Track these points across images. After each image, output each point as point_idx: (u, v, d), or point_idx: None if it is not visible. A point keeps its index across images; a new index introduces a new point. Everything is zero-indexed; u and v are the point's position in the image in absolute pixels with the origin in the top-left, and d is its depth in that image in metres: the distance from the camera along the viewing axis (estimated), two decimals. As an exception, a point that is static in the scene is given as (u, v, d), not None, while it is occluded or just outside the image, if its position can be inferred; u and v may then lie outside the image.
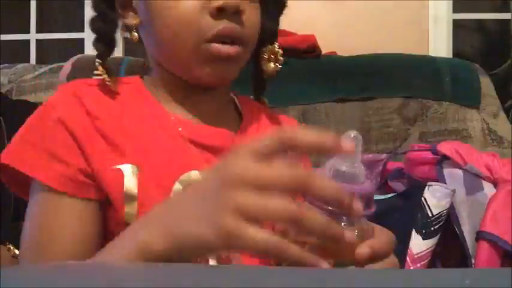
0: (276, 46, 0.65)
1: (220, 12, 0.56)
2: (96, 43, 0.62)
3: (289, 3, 0.69)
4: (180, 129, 0.59)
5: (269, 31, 0.65)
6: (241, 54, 0.59)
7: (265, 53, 0.65)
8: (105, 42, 0.62)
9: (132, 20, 0.62)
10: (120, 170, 0.54)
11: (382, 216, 0.84)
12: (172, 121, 0.60)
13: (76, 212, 0.54)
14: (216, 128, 0.61)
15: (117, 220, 0.54)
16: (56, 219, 0.54)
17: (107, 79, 0.59)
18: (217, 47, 0.56)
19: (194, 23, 0.56)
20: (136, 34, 0.62)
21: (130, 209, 0.53)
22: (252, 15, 0.59)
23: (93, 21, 0.62)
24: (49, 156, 0.54)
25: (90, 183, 0.54)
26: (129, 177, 0.54)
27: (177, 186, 0.55)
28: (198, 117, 0.61)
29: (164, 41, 0.59)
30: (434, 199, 0.78)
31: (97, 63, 0.61)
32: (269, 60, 0.65)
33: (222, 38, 0.56)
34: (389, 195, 0.89)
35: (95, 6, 0.62)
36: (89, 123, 0.55)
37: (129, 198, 0.54)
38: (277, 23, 0.68)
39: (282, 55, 0.66)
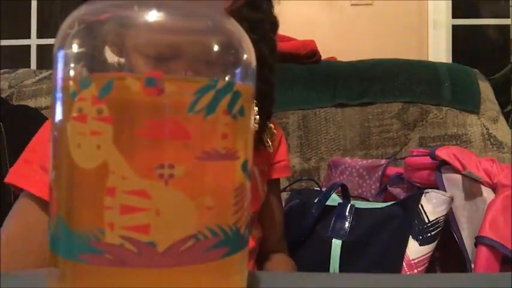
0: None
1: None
2: None
3: (289, 8, 0.70)
4: None
5: None
6: None
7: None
8: None
9: None
10: None
11: (381, 224, 0.84)
12: None
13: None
14: None
15: None
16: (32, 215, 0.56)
17: None
18: None
19: None
20: None
21: None
22: None
23: None
24: (42, 171, 0.56)
25: None
26: None
27: None
28: None
29: None
30: (430, 205, 0.78)
31: None
32: None
33: None
34: (389, 204, 0.89)
35: None
36: None
37: None
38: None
39: (282, 60, 0.65)
